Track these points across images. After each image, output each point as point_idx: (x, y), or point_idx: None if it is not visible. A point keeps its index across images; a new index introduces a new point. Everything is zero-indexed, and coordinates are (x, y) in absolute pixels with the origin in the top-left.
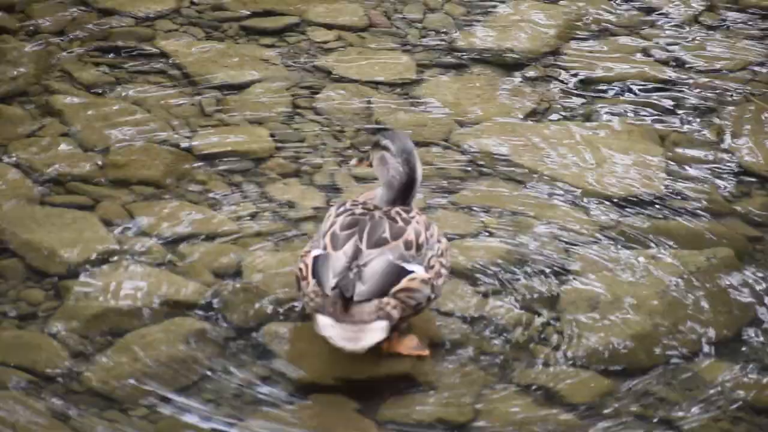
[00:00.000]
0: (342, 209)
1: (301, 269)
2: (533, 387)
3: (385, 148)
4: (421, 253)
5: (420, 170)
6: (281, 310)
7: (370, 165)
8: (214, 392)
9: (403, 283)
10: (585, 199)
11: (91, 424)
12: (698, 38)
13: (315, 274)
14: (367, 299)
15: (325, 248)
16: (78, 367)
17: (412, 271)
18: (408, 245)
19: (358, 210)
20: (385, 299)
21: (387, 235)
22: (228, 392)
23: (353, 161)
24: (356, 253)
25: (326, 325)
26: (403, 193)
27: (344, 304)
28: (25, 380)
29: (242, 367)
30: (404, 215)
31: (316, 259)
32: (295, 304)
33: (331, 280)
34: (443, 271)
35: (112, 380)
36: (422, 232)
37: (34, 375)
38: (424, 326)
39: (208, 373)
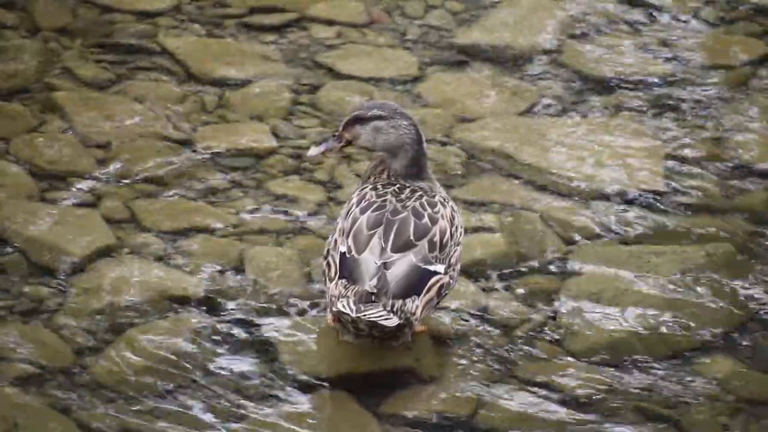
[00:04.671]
0: (364, 198)
1: (329, 264)
2: (535, 381)
3: (376, 117)
4: (444, 252)
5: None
6: (283, 305)
7: (346, 145)
8: (216, 387)
9: (429, 293)
10: (585, 195)
11: (95, 419)
12: (698, 34)
13: (344, 274)
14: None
15: (350, 251)
16: (81, 362)
17: (435, 273)
18: (432, 246)
19: (380, 198)
20: (411, 306)
21: (412, 236)
22: (230, 387)
23: (313, 150)
24: (381, 254)
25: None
26: (417, 154)
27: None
28: (29, 375)
29: (244, 362)
30: (430, 210)
31: (343, 257)
32: (296, 299)
33: (368, 284)
34: (458, 267)
35: (115, 375)
36: (447, 229)
37: (38, 369)
38: (426, 320)
39: (210, 367)
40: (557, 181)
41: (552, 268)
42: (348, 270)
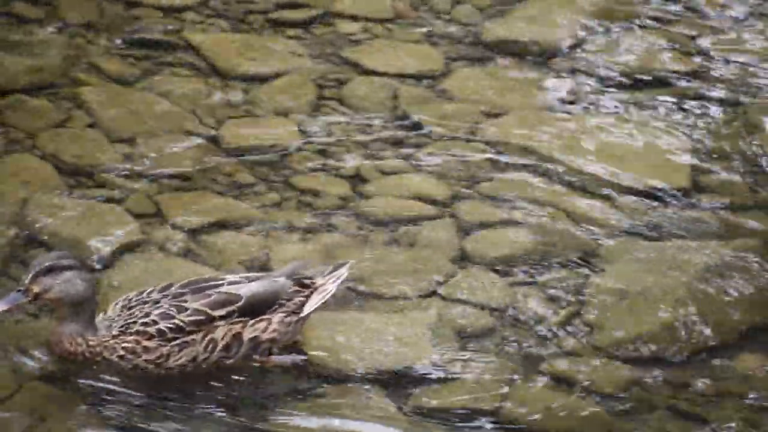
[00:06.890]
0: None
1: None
2: (560, 377)
3: (67, 267)
4: None
5: None
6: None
7: (36, 298)
8: (244, 381)
9: None
10: (612, 190)
11: (123, 414)
12: (726, 29)
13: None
14: None
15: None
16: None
17: None
18: None
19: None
20: None
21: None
22: (256, 381)
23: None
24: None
25: None
26: (93, 308)
27: None
28: (57, 369)
29: (270, 356)
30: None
31: (247, 299)
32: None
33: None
34: None
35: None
36: None
37: (65, 365)
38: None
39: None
40: (583, 177)
41: (578, 263)
42: (264, 297)
